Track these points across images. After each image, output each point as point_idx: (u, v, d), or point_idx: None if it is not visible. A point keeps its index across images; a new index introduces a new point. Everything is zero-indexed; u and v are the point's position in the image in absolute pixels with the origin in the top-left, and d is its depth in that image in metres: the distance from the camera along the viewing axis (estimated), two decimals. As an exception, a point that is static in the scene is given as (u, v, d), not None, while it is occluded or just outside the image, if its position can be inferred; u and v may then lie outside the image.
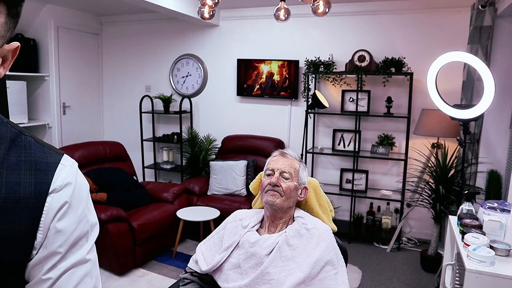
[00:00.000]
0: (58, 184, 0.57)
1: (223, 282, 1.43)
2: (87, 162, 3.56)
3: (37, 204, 0.55)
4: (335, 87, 3.98)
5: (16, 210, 0.53)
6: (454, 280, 1.91)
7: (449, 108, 2.71)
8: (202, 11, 2.42)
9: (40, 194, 0.55)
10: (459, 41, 3.46)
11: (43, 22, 4.27)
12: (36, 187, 0.55)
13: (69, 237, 0.57)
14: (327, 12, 2.20)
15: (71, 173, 0.59)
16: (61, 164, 0.58)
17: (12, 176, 0.54)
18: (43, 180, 0.56)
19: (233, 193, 3.88)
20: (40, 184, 0.55)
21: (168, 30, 4.69)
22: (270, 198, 1.45)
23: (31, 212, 0.54)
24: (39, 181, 0.56)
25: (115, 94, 5.09)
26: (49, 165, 0.57)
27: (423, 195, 3.36)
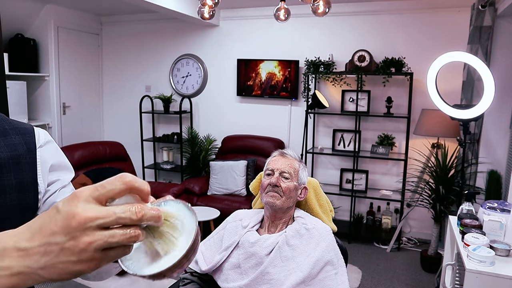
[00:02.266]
0: (42, 141, 0.75)
1: (223, 282, 1.43)
2: (87, 162, 3.56)
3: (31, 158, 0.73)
4: (335, 87, 3.98)
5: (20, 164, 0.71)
6: (454, 280, 1.91)
7: (449, 108, 2.71)
8: (202, 11, 2.42)
9: (31, 150, 0.73)
10: (459, 41, 3.46)
11: (43, 22, 4.27)
12: (27, 146, 0.73)
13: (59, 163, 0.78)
14: (327, 12, 2.20)
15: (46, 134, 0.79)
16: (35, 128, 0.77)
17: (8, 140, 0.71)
18: (30, 140, 0.74)
19: (233, 193, 3.88)
20: (28, 143, 0.73)
21: (168, 30, 4.69)
22: (270, 199, 1.45)
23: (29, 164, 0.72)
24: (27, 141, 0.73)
25: (115, 94, 5.09)
26: (28, 129, 0.75)
27: (423, 195, 3.36)
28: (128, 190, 0.42)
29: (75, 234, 0.39)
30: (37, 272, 0.40)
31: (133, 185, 0.42)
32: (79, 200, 0.40)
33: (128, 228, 0.40)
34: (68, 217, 0.39)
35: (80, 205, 0.39)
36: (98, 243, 0.39)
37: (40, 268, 0.39)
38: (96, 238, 0.39)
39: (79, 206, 0.39)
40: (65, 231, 0.39)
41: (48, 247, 0.39)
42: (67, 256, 0.39)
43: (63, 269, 0.39)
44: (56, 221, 0.39)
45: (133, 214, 0.40)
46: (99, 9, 4.62)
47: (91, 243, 0.39)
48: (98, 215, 0.39)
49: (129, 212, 0.40)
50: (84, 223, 0.39)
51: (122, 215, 0.40)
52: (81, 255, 0.39)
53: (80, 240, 0.38)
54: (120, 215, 0.40)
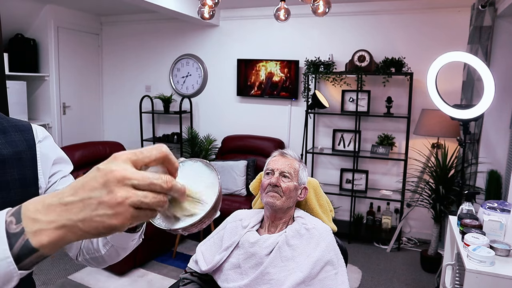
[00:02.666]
0: (40, 137, 0.78)
1: (223, 282, 1.43)
2: (87, 162, 3.56)
3: (32, 153, 0.75)
4: (335, 87, 3.98)
5: (22, 160, 0.73)
6: (454, 280, 1.91)
7: (449, 108, 2.71)
8: (202, 11, 2.42)
9: (31, 146, 0.76)
10: (459, 41, 3.46)
11: (43, 22, 4.27)
12: (27, 142, 0.75)
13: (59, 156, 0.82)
14: (327, 12, 2.20)
15: (43, 130, 0.81)
16: (32, 125, 0.80)
17: (9, 137, 0.73)
18: (28, 137, 0.76)
19: (233, 193, 3.88)
20: (28, 140, 0.76)
21: (168, 30, 4.69)
22: (270, 200, 1.45)
23: (30, 159, 0.75)
24: (26, 138, 0.76)
25: (115, 94, 5.09)
26: (26, 126, 0.78)
27: (423, 195, 3.36)
28: (163, 159, 0.47)
29: (112, 188, 0.42)
30: (77, 225, 0.43)
31: (167, 155, 0.47)
32: (118, 160, 0.44)
33: (158, 194, 0.44)
34: (107, 173, 0.42)
35: (119, 163, 0.43)
36: (133, 199, 0.42)
37: (79, 220, 0.42)
38: (131, 194, 0.42)
39: (118, 165, 0.43)
40: (104, 186, 0.42)
41: (88, 201, 0.42)
42: (104, 209, 0.42)
43: (100, 222, 0.42)
44: (96, 178, 0.43)
45: (164, 183, 0.44)
46: (99, 9, 4.62)
47: (126, 198, 0.42)
48: (134, 175, 0.43)
49: (161, 180, 0.44)
50: (121, 179, 0.42)
51: (155, 181, 0.44)
52: (116, 209, 0.42)
53: (117, 194, 0.42)
54: (153, 180, 0.44)
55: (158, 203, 0.44)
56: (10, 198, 0.70)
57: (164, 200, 0.45)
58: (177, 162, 0.49)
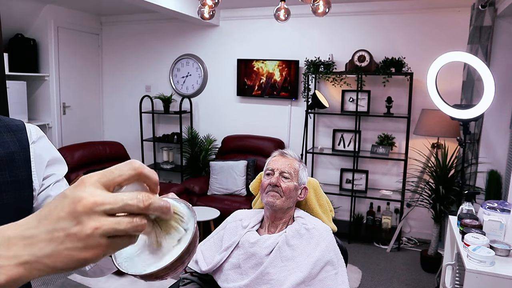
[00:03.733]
0: (34, 137, 0.76)
1: (223, 282, 1.43)
2: (87, 162, 3.56)
3: (25, 154, 0.73)
4: (335, 87, 3.98)
5: (14, 161, 0.71)
6: (454, 280, 1.91)
7: (449, 108, 2.71)
8: (202, 11, 2.42)
9: (24, 147, 0.73)
10: (459, 41, 3.46)
11: (43, 22, 4.27)
12: (19, 143, 0.73)
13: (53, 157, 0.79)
14: (327, 12, 2.20)
15: (38, 129, 0.79)
16: (26, 124, 0.77)
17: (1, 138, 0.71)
18: (22, 137, 0.74)
19: (233, 193, 3.88)
20: (21, 141, 0.73)
21: (168, 30, 4.69)
22: (270, 199, 1.45)
23: (23, 161, 0.72)
24: (19, 139, 0.73)
25: (115, 94, 5.09)
26: (19, 126, 0.75)
27: (423, 195, 3.36)
28: (137, 176, 0.41)
29: (81, 219, 0.37)
30: (42, 261, 0.38)
31: (141, 171, 0.41)
32: (86, 185, 0.39)
33: (134, 217, 0.39)
34: (74, 201, 0.38)
35: (87, 189, 0.38)
36: (104, 228, 0.38)
37: (45, 256, 0.38)
38: (103, 223, 0.38)
39: (86, 191, 0.38)
40: (71, 216, 0.38)
41: (54, 233, 0.38)
42: (73, 242, 0.38)
43: (69, 257, 0.38)
44: (62, 207, 0.38)
45: (140, 202, 0.39)
46: (99, 9, 4.62)
47: (97, 228, 0.37)
48: (105, 200, 0.38)
49: (136, 199, 0.39)
50: (90, 207, 0.37)
51: (129, 201, 0.39)
52: (87, 241, 0.38)
53: (87, 225, 0.37)
54: (127, 201, 0.39)
55: (136, 228, 0.39)
56: (2, 201, 0.68)
57: (142, 223, 0.39)
58: (156, 176, 0.43)
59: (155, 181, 0.43)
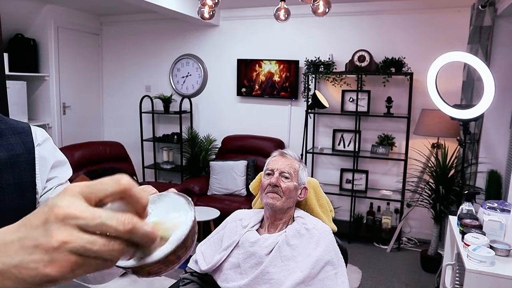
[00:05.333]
0: (39, 140, 0.75)
1: (222, 282, 1.43)
2: (87, 162, 3.56)
3: (30, 157, 0.72)
4: (335, 87, 3.98)
5: (18, 164, 0.70)
6: (454, 280, 1.91)
7: (449, 108, 2.71)
8: (202, 11, 2.42)
9: (29, 149, 0.72)
10: (459, 41, 3.46)
11: (43, 22, 4.27)
12: (24, 145, 0.72)
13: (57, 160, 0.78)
14: (327, 12, 2.20)
15: (43, 132, 0.78)
16: (32, 126, 0.76)
17: (5, 140, 0.70)
18: (27, 140, 0.73)
19: (233, 193, 3.88)
20: (26, 143, 0.72)
21: (168, 30, 4.69)
22: (270, 201, 1.44)
23: (27, 163, 0.71)
24: (24, 141, 0.72)
25: (115, 94, 5.09)
26: (24, 129, 0.74)
27: (423, 195, 3.36)
28: (120, 194, 0.36)
29: (50, 229, 0.34)
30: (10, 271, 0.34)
31: (126, 189, 0.36)
32: (66, 195, 0.35)
33: (111, 240, 0.35)
34: (49, 209, 0.35)
35: (66, 199, 0.35)
36: (74, 245, 0.33)
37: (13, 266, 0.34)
38: (73, 238, 0.34)
39: (64, 200, 0.35)
40: (43, 225, 0.34)
41: (25, 242, 0.35)
42: (39, 254, 0.34)
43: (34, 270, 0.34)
44: (39, 215, 0.35)
45: (120, 224, 0.34)
46: (99, 9, 4.62)
47: (65, 243, 0.33)
48: (80, 214, 0.34)
49: (116, 220, 0.35)
50: (62, 218, 0.34)
51: (108, 221, 0.34)
52: (53, 255, 0.33)
53: (55, 236, 0.33)
54: (105, 221, 0.34)
55: (111, 252, 0.35)
56: (5, 204, 0.67)
57: (119, 249, 0.35)
58: (144, 198, 0.38)
59: (143, 203, 0.38)
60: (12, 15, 3.94)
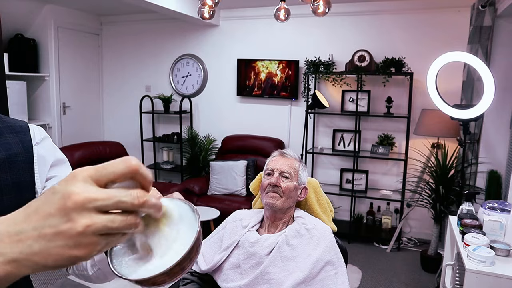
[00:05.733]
0: (38, 138, 0.74)
1: (222, 282, 1.43)
2: (87, 162, 3.54)
3: (28, 156, 0.71)
4: (335, 87, 3.98)
5: (16, 163, 0.69)
6: (454, 280, 1.92)
7: (449, 108, 2.71)
8: (202, 11, 2.42)
9: (27, 148, 0.71)
10: (459, 41, 3.46)
11: (43, 22, 4.27)
12: (22, 144, 0.71)
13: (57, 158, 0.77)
14: (327, 12, 2.20)
15: (42, 130, 0.77)
16: (30, 125, 0.76)
17: (3, 139, 0.69)
18: (25, 138, 0.72)
19: (233, 193, 3.88)
20: (24, 142, 0.71)
21: (168, 30, 4.69)
22: (270, 200, 1.45)
23: (25, 162, 0.70)
24: (22, 140, 0.71)
25: (115, 94, 5.09)
26: (22, 127, 0.73)
27: (423, 195, 3.36)
28: (131, 174, 0.39)
29: (72, 216, 0.35)
30: (31, 259, 0.36)
31: (137, 169, 0.39)
32: (77, 180, 0.37)
33: (128, 215, 0.38)
34: (64, 197, 0.36)
35: (78, 185, 0.36)
36: (97, 226, 0.36)
37: (34, 253, 0.36)
38: (95, 221, 0.36)
39: (77, 186, 0.36)
40: (61, 213, 0.36)
41: (43, 230, 0.36)
42: (63, 240, 0.36)
43: (59, 255, 0.36)
44: (52, 203, 0.36)
45: (134, 199, 0.37)
46: (99, 9, 4.62)
47: (89, 226, 0.35)
48: (97, 196, 0.36)
49: (131, 196, 0.37)
50: (82, 204, 0.35)
51: (123, 198, 0.37)
52: (78, 239, 0.36)
53: (78, 222, 0.35)
54: (121, 198, 0.37)
55: (129, 226, 0.38)
56: (3, 205, 0.66)
57: (136, 222, 0.38)
58: (150, 176, 0.41)
59: (149, 180, 0.41)
60: (12, 15, 3.94)
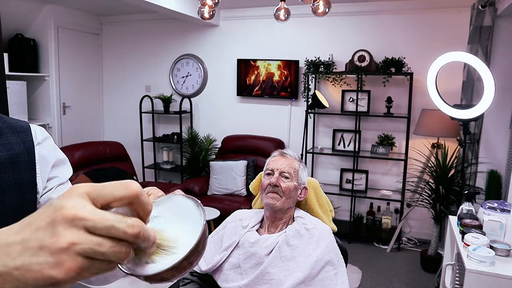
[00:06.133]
0: (39, 138, 0.74)
1: (222, 282, 1.43)
2: (87, 162, 3.56)
3: (30, 156, 0.71)
4: (335, 87, 3.98)
5: (18, 163, 0.69)
6: (454, 280, 1.92)
7: (449, 108, 2.71)
8: (202, 11, 2.42)
9: (29, 148, 0.71)
10: (459, 41, 3.46)
11: (43, 22, 4.27)
12: (24, 144, 0.71)
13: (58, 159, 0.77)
14: (327, 12, 2.20)
15: (43, 130, 0.77)
16: (32, 125, 0.75)
17: (4, 139, 0.69)
18: (26, 139, 0.72)
19: (233, 193, 3.88)
20: (26, 142, 0.71)
21: (168, 30, 4.69)
22: (270, 201, 1.44)
23: (27, 163, 0.70)
24: (24, 140, 0.71)
25: (115, 94, 5.09)
26: (24, 127, 0.73)
27: (423, 195, 3.36)
28: (130, 199, 0.37)
29: (58, 230, 0.33)
30: (12, 273, 0.33)
31: (137, 195, 0.37)
32: (73, 196, 0.35)
33: (119, 242, 0.35)
34: (56, 210, 0.34)
35: (72, 199, 0.34)
36: (82, 246, 0.33)
37: (15, 268, 0.33)
38: (81, 240, 0.33)
39: (70, 201, 0.34)
40: (49, 225, 0.34)
41: (28, 244, 0.34)
42: (45, 256, 0.33)
43: (38, 272, 0.33)
44: (45, 216, 0.34)
45: (128, 227, 0.35)
46: (99, 9, 4.62)
47: (74, 244, 0.33)
48: (89, 216, 0.34)
49: (125, 223, 0.35)
50: (71, 219, 0.33)
51: (117, 224, 0.34)
52: (60, 257, 0.33)
53: (62, 237, 0.33)
54: (113, 223, 0.34)
55: (118, 254, 0.35)
56: (5, 205, 0.65)
57: (126, 251, 0.35)
58: (150, 205, 0.39)
59: (148, 210, 0.38)
60: (12, 15, 3.94)
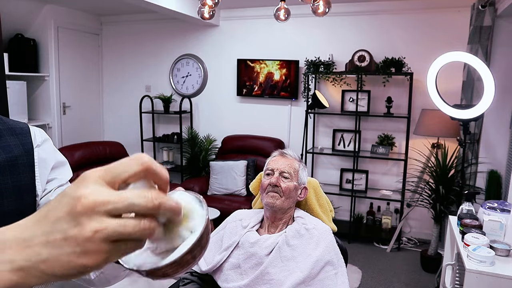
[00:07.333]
0: (38, 141, 0.73)
1: (222, 282, 1.43)
2: (87, 162, 3.56)
3: (29, 159, 0.70)
4: (335, 87, 3.98)
5: (17, 166, 0.68)
6: (454, 280, 1.92)
7: (449, 108, 2.71)
8: (202, 11, 2.42)
9: (28, 151, 0.70)
10: (459, 41, 3.46)
11: (43, 22, 4.27)
12: (23, 147, 0.70)
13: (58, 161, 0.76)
14: (327, 12, 2.20)
15: (42, 132, 0.76)
16: (31, 127, 0.75)
17: (3, 141, 0.68)
18: (26, 141, 0.71)
19: (233, 193, 3.88)
20: (25, 144, 0.70)
21: (168, 30, 4.69)
22: (270, 200, 1.45)
23: (26, 165, 0.69)
24: (23, 142, 0.70)
25: (115, 94, 5.09)
26: (23, 129, 0.72)
27: (423, 195, 3.36)
28: (144, 173, 0.36)
29: (80, 220, 0.33)
30: (38, 267, 0.34)
31: (150, 167, 0.36)
32: (88, 182, 0.34)
33: (142, 219, 0.34)
34: (73, 200, 0.33)
35: (88, 187, 0.34)
36: (107, 232, 0.33)
37: (41, 261, 0.33)
38: (105, 225, 0.33)
39: (87, 188, 0.34)
40: (69, 217, 0.33)
41: (51, 236, 0.34)
42: (71, 247, 0.33)
43: (67, 263, 0.33)
44: (61, 206, 0.34)
45: (149, 201, 0.34)
46: (99, 9, 4.62)
47: (98, 231, 0.33)
48: (108, 199, 0.33)
49: (145, 198, 0.34)
50: (91, 207, 0.33)
51: (136, 201, 0.34)
52: (86, 246, 0.33)
53: (86, 227, 0.33)
54: (133, 200, 0.34)
55: (144, 231, 0.34)
56: (4, 208, 0.65)
57: (152, 226, 0.35)
58: (166, 173, 0.38)
59: (165, 178, 0.38)
60: (12, 15, 3.94)
